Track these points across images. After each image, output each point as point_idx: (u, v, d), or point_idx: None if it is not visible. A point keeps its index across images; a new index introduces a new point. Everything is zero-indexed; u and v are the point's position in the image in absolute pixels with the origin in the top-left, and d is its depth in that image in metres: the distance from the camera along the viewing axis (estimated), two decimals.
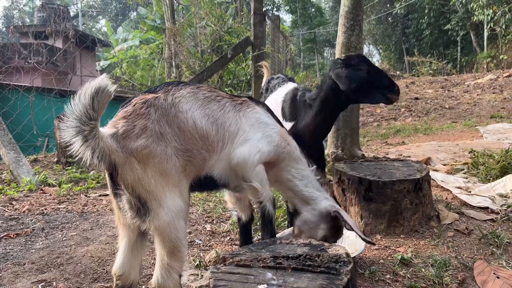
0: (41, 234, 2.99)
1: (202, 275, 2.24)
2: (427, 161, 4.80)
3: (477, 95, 12.66)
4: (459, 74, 19.42)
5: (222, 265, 1.55)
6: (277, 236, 2.14)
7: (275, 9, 34.15)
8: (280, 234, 2.46)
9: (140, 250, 1.76)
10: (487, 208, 3.10)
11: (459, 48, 25.55)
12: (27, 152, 6.71)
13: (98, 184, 4.59)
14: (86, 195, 4.16)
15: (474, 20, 19.84)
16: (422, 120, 10.28)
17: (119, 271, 1.71)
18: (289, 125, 2.75)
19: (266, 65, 3.86)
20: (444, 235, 2.65)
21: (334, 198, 2.18)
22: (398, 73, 20.86)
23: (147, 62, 14.22)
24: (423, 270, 2.20)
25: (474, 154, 4.53)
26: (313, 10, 34.32)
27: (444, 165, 4.70)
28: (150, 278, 1.91)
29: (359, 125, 4.82)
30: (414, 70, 22.76)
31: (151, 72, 13.04)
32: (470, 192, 3.48)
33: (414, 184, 2.72)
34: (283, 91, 2.97)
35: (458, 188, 3.60)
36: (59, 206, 3.72)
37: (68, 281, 2.24)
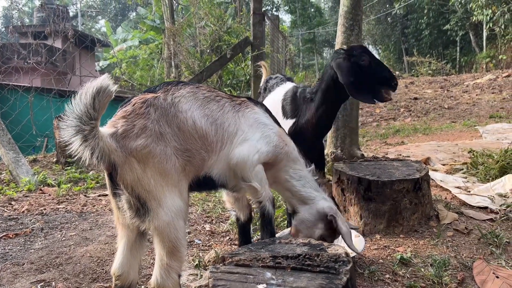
0: (40, 234, 2.99)
1: (202, 275, 2.24)
2: (426, 161, 4.80)
3: (476, 95, 12.67)
4: (458, 74, 19.45)
5: (221, 264, 1.55)
6: (276, 236, 2.14)
7: (275, 9, 34.16)
8: (279, 234, 2.46)
9: (139, 250, 1.76)
10: (487, 208, 3.10)
11: (458, 48, 25.58)
12: (26, 152, 6.71)
13: (98, 184, 4.59)
14: (85, 195, 4.15)
15: (473, 20, 19.86)
16: (421, 120, 10.29)
17: (118, 271, 1.71)
18: (290, 122, 2.74)
19: (265, 65, 3.86)
20: (443, 235, 2.65)
21: (332, 198, 2.18)
22: (397, 73, 20.88)
23: (147, 62, 14.24)
24: (423, 269, 2.20)
25: (473, 154, 4.53)
26: (312, 10, 34.34)
27: (443, 165, 4.70)
28: (149, 278, 1.91)
29: (358, 125, 4.83)
30: (413, 70, 22.77)
31: (151, 72, 13.05)
32: (469, 192, 3.48)
33: (413, 184, 2.72)
34: (283, 90, 2.97)
35: (458, 188, 3.60)
36: (58, 206, 3.72)
37: (67, 281, 2.24)
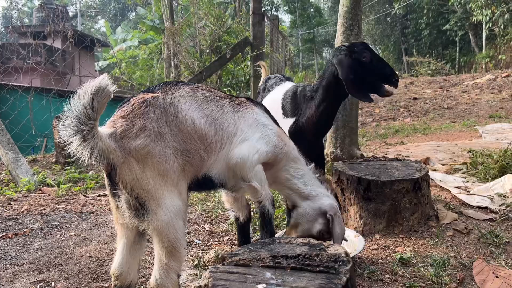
0: (39, 234, 2.99)
1: (201, 275, 2.24)
2: (426, 161, 4.80)
3: (475, 95, 12.68)
4: (458, 74, 19.44)
5: (221, 264, 1.55)
6: (276, 235, 2.14)
7: (274, 9, 34.16)
8: (279, 233, 2.46)
9: (138, 250, 1.76)
10: (486, 207, 3.10)
11: (458, 48, 25.58)
12: (26, 152, 6.71)
13: (97, 184, 4.59)
14: (85, 195, 4.15)
15: (473, 20, 19.87)
16: (421, 120, 10.29)
17: (117, 271, 1.71)
18: (290, 121, 2.74)
19: (264, 64, 3.86)
20: (443, 235, 2.65)
21: (335, 195, 2.18)
22: (396, 73, 20.86)
23: (146, 62, 14.24)
24: (422, 269, 2.20)
25: (473, 154, 4.53)
26: (312, 10, 34.37)
27: (443, 165, 4.70)
28: (148, 278, 1.91)
29: (358, 125, 4.83)
30: (412, 70, 22.78)
31: (150, 72, 13.05)
32: (469, 191, 3.48)
33: (413, 183, 2.72)
34: (282, 90, 2.96)
35: (457, 187, 3.60)
36: (58, 206, 3.71)
37: (66, 281, 2.24)
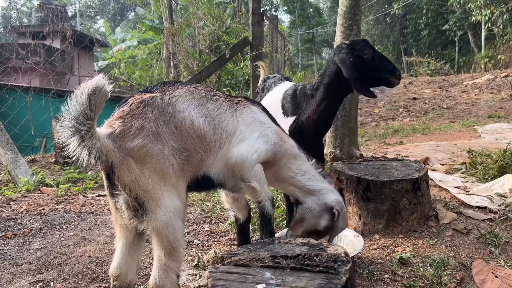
0: (39, 235, 2.98)
1: (201, 275, 2.24)
2: (425, 161, 4.80)
3: (475, 95, 12.69)
4: (457, 74, 19.46)
5: (220, 264, 1.54)
6: (275, 235, 2.14)
7: (273, 9, 34.18)
8: (278, 233, 2.46)
9: (137, 250, 1.76)
10: (485, 207, 3.10)
11: (457, 48, 25.59)
12: (25, 152, 6.70)
13: (96, 184, 4.58)
14: (84, 196, 4.15)
15: (472, 20, 19.88)
16: (420, 120, 10.29)
17: (116, 272, 1.71)
18: (290, 120, 2.73)
19: (263, 64, 3.86)
20: (442, 235, 2.65)
21: (339, 190, 2.19)
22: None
23: (145, 62, 14.24)
24: (422, 269, 2.20)
25: (472, 154, 4.54)
26: (311, 10, 34.37)
27: (442, 164, 4.70)
28: (148, 278, 1.90)
29: (357, 125, 4.83)
30: (412, 70, 22.79)
31: (149, 72, 13.05)
32: (468, 191, 3.48)
33: (412, 183, 2.72)
34: (282, 89, 2.96)
35: (456, 187, 3.60)
36: (57, 207, 3.71)
37: (66, 281, 2.24)
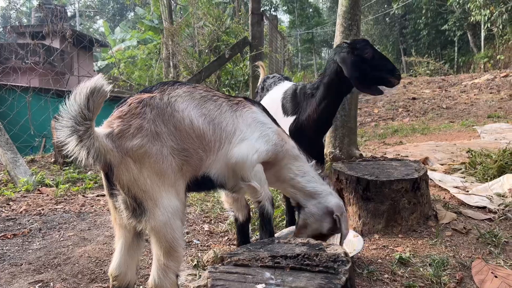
0: (38, 235, 2.98)
1: (200, 275, 2.24)
2: (425, 160, 4.80)
3: (474, 95, 12.69)
4: (456, 74, 19.46)
5: (220, 264, 1.54)
6: (275, 235, 2.14)
7: (273, 9, 34.17)
8: (278, 233, 2.46)
9: (136, 250, 1.76)
10: (485, 207, 3.10)
11: (456, 48, 25.59)
12: (24, 152, 6.69)
13: (96, 184, 4.58)
14: (84, 196, 4.14)
15: (471, 20, 19.88)
16: (420, 120, 10.30)
17: (116, 272, 1.71)
18: (290, 119, 2.73)
19: (262, 64, 3.85)
20: (442, 235, 2.65)
21: (337, 191, 2.19)
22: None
23: (145, 62, 14.23)
24: (421, 269, 2.20)
25: (471, 154, 4.54)
26: (310, 10, 34.37)
27: (441, 164, 4.71)
28: (147, 278, 1.90)
29: (357, 125, 4.83)
30: (411, 70, 22.80)
31: (149, 72, 13.04)
32: (467, 191, 3.48)
33: (412, 183, 2.72)
34: (282, 89, 2.96)
35: (456, 187, 3.60)
36: (57, 207, 3.71)
37: (65, 281, 2.23)
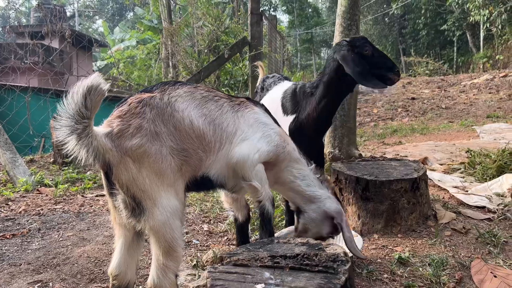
0: (37, 235, 2.98)
1: (200, 275, 2.23)
2: (424, 160, 4.81)
3: (473, 95, 12.70)
4: (456, 74, 19.47)
5: (219, 264, 1.54)
6: (274, 235, 2.14)
7: (272, 9, 34.16)
8: (277, 233, 2.46)
9: (136, 250, 1.76)
10: (484, 207, 3.10)
11: (456, 48, 25.61)
12: (23, 152, 6.68)
13: (95, 184, 4.57)
14: (83, 196, 4.14)
15: (470, 20, 19.91)
16: (419, 120, 10.30)
17: (115, 271, 1.71)
18: (290, 118, 2.73)
19: (261, 64, 3.85)
20: (441, 235, 2.65)
21: (335, 194, 2.19)
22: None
23: (144, 62, 14.23)
24: (421, 269, 2.20)
25: (470, 154, 4.54)
26: (310, 10, 34.37)
27: (441, 164, 4.71)
28: (147, 278, 1.90)
29: (356, 125, 4.83)
30: (410, 70, 22.81)
31: (148, 72, 13.04)
32: (467, 191, 3.49)
33: (411, 183, 2.72)
34: (281, 89, 2.96)
35: (455, 187, 3.61)
36: (56, 207, 3.70)
37: (64, 281, 2.23)
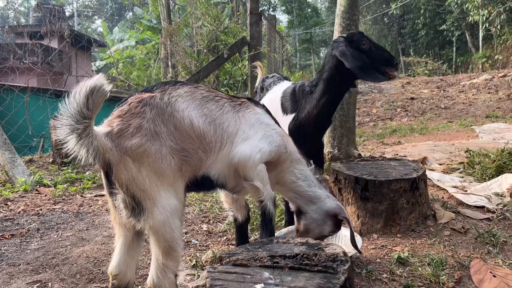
0: (36, 235, 2.97)
1: (199, 275, 2.23)
2: (423, 160, 4.81)
3: (472, 95, 12.72)
4: (455, 74, 19.51)
5: (219, 264, 1.54)
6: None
7: (271, 9, 34.15)
8: (277, 233, 2.46)
9: (136, 249, 1.76)
10: (483, 207, 3.11)
11: (455, 48, 25.65)
12: (22, 152, 6.67)
13: (94, 184, 4.57)
14: (82, 196, 4.13)
15: (470, 20, 19.93)
16: (418, 120, 10.31)
17: (115, 271, 1.71)
18: (290, 117, 2.73)
19: (260, 65, 3.86)
20: (440, 234, 2.66)
21: (332, 193, 2.20)
22: (394, 73, 20.89)
23: (143, 62, 14.24)
24: (420, 269, 2.20)
25: (470, 154, 4.55)
26: (309, 10, 34.35)
27: (440, 164, 4.71)
28: (146, 278, 1.90)
29: (355, 125, 4.83)
30: (409, 71, 22.84)
31: (147, 72, 13.04)
32: (466, 191, 3.49)
33: (410, 183, 2.73)
34: (281, 88, 2.96)
35: (454, 187, 3.61)
36: (55, 207, 3.70)
37: (63, 281, 2.23)
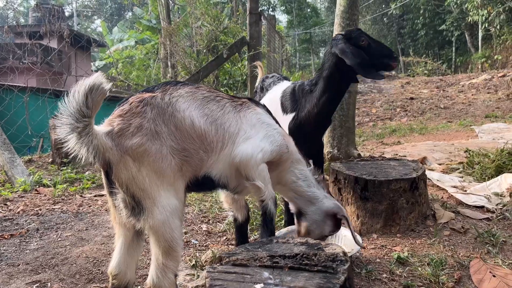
0: (35, 235, 2.97)
1: (198, 275, 2.23)
2: (423, 160, 4.81)
3: (472, 95, 12.73)
4: (454, 74, 19.52)
5: (218, 264, 1.54)
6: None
7: (271, 9, 34.15)
8: (276, 233, 2.46)
9: (136, 249, 1.75)
10: (483, 207, 3.11)
11: (454, 48, 25.67)
12: (22, 152, 6.66)
13: (94, 184, 4.57)
14: (81, 196, 4.13)
15: (469, 20, 19.94)
16: (418, 120, 10.32)
17: (115, 271, 1.70)
18: (290, 116, 2.73)
19: (260, 64, 3.85)
20: (440, 234, 2.66)
21: (330, 194, 2.21)
22: (393, 73, 20.87)
23: (143, 62, 14.23)
24: (420, 269, 2.20)
25: (469, 154, 4.55)
26: (308, 10, 34.35)
27: (439, 164, 4.71)
28: (146, 278, 1.90)
29: (355, 125, 4.83)
30: (409, 70, 22.86)
31: (147, 72, 13.04)
32: (465, 191, 3.49)
33: (410, 183, 2.73)
34: (281, 88, 2.96)
35: (454, 187, 3.61)
36: (54, 207, 3.70)
37: (63, 282, 2.23)
